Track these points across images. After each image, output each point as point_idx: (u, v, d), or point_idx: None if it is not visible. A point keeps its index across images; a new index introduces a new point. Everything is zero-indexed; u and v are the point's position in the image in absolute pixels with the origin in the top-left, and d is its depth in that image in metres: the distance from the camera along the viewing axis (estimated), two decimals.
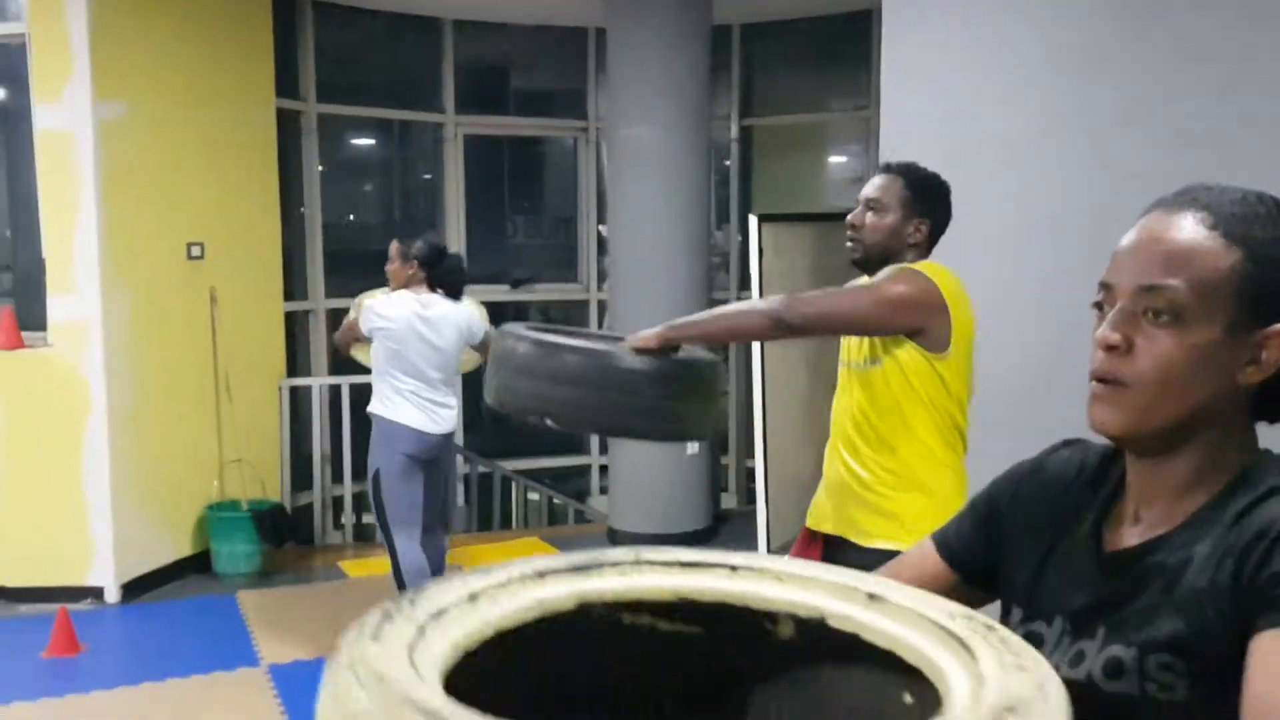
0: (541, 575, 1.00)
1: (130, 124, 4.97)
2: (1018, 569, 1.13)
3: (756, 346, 5.01)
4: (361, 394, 6.07)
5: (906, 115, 4.14)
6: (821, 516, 2.67)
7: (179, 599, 5.09)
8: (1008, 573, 1.14)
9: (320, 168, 6.51)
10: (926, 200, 2.57)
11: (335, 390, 6.10)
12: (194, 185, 5.35)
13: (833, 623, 0.96)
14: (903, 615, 0.95)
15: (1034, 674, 0.81)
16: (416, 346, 4.00)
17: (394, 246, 4.20)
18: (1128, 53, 3.27)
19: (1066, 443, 1.21)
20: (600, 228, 7.57)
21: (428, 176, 7.44)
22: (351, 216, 7.43)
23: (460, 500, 7.02)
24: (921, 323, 2.40)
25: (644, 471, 5.87)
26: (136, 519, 5.06)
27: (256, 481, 5.61)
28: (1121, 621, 0.99)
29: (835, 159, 7.99)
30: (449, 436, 4.23)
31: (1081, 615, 1.03)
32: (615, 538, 5.96)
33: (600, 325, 7.20)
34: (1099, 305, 1.05)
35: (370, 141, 7.60)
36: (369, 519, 6.48)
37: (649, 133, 5.69)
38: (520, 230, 8.11)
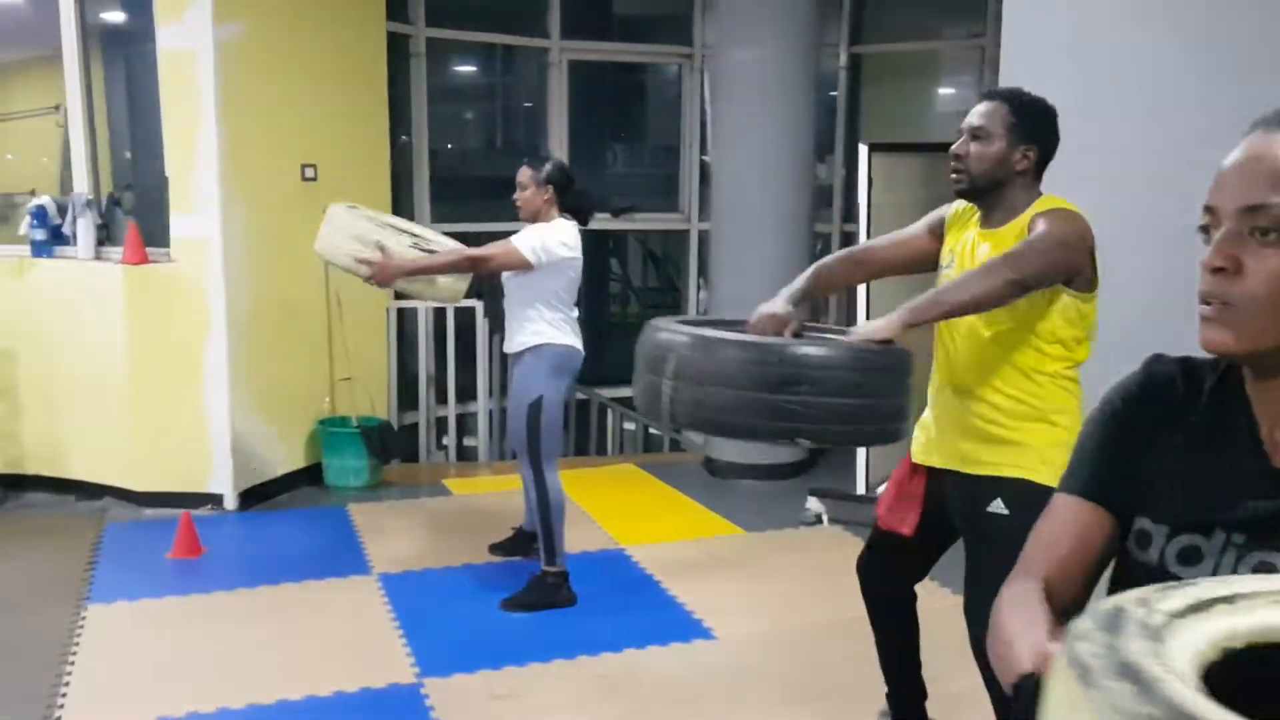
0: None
1: (247, 46, 5.07)
2: (1152, 485, 1.12)
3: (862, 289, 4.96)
4: (465, 318, 6.21)
5: (1029, 40, 4.01)
6: (930, 450, 2.68)
7: (293, 509, 5.30)
8: (1140, 491, 1.13)
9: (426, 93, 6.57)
10: (1033, 126, 2.52)
11: (440, 314, 6.21)
12: (307, 108, 5.45)
13: None
14: None
15: None
16: (570, 274, 4.01)
17: (526, 172, 4.10)
18: None
19: (1156, 359, 1.19)
20: (703, 157, 7.52)
21: (529, 104, 7.44)
22: (455, 144, 7.48)
23: None
24: (1083, 263, 2.40)
25: None
26: (253, 431, 5.25)
27: (365, 399, 5.76)
28: None
29: (946, 89, 7.79)
30: None
31: (1257, 526, 1.02)
32: (712, 466, 6.01)
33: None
34: (1204, 229, 1.03)
35: (474, 68, 7.63)
36: (470, 441, 6.64)
37: (755, 56, 5.61)
38: (621, 159, 8.09)
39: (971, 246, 2.57)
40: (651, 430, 7.57)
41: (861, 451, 5.11)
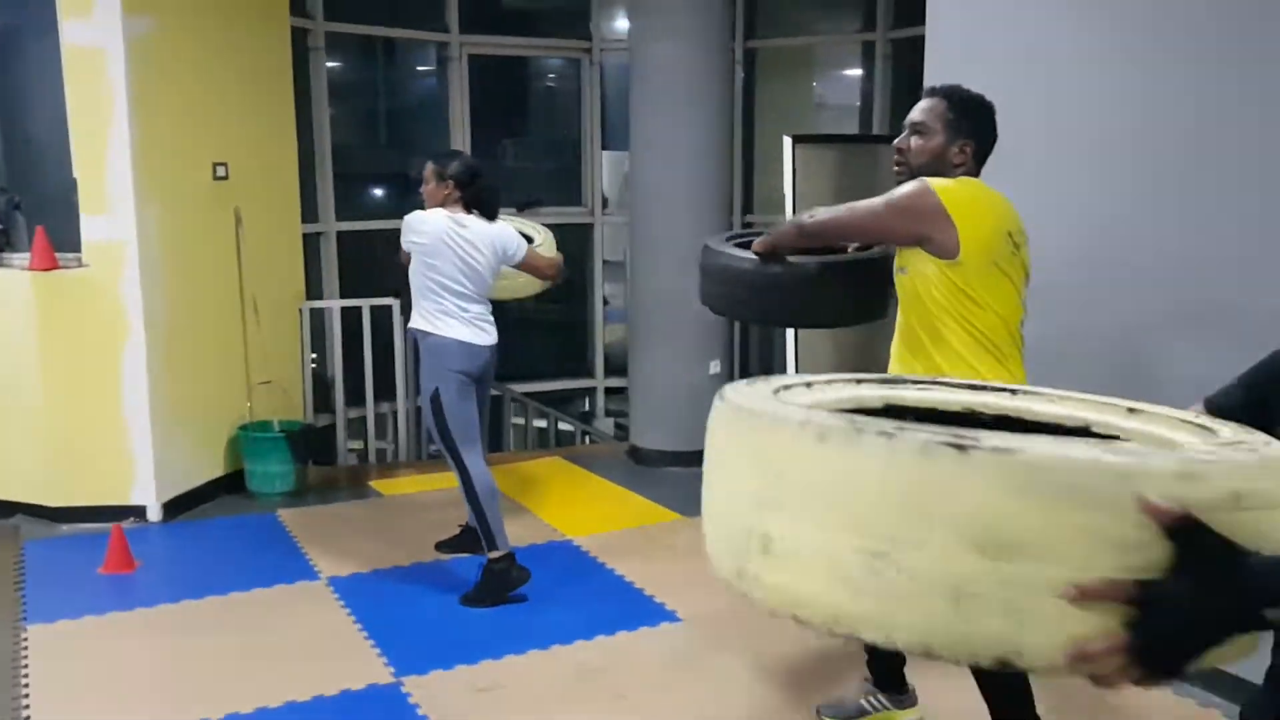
0: (859, 382, 1.34)
1: (156, 41, 4.90)
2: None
3: None
4: (382, 316, 6.14)
5: (953, 37, 4.22)
6: None
7: (219, 517, 5.15)
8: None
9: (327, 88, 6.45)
10: (970, 121, 2.67)
11: (354, 314, 6.11)
12: (217, 104, 5.30)
13: (1096, 429, 1.15)
14: (1157, 420, 1.14)
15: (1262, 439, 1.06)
16: (452, 262, 4.00)
17: (429, 167, 4.12)
18: None
19: None
20: (603, 150, 7.61)
21: (428, 97, 7.38)
22: (356, 140, 7.35)
23: None
24: (921, 230, 2.54)
25: (663, 391, 5.99)
26: (174, 439, 5.09)
27: (285, 402, 5.64)
28: None
29: (829, 83, 8.05)
30: (495, 349, 4.21)
31: None
32: (638, 455, 6.10)
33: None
34: None
35: (374, 62, 7.51)
36: (381, 445, 6.55)
37: (673, 50, 5.71)
38: (521, 154, 8.09)
39: None
40: (562, 425, 7.62)
41: None
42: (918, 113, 2.67)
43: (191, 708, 3.27)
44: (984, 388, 1.32)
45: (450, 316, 4.01)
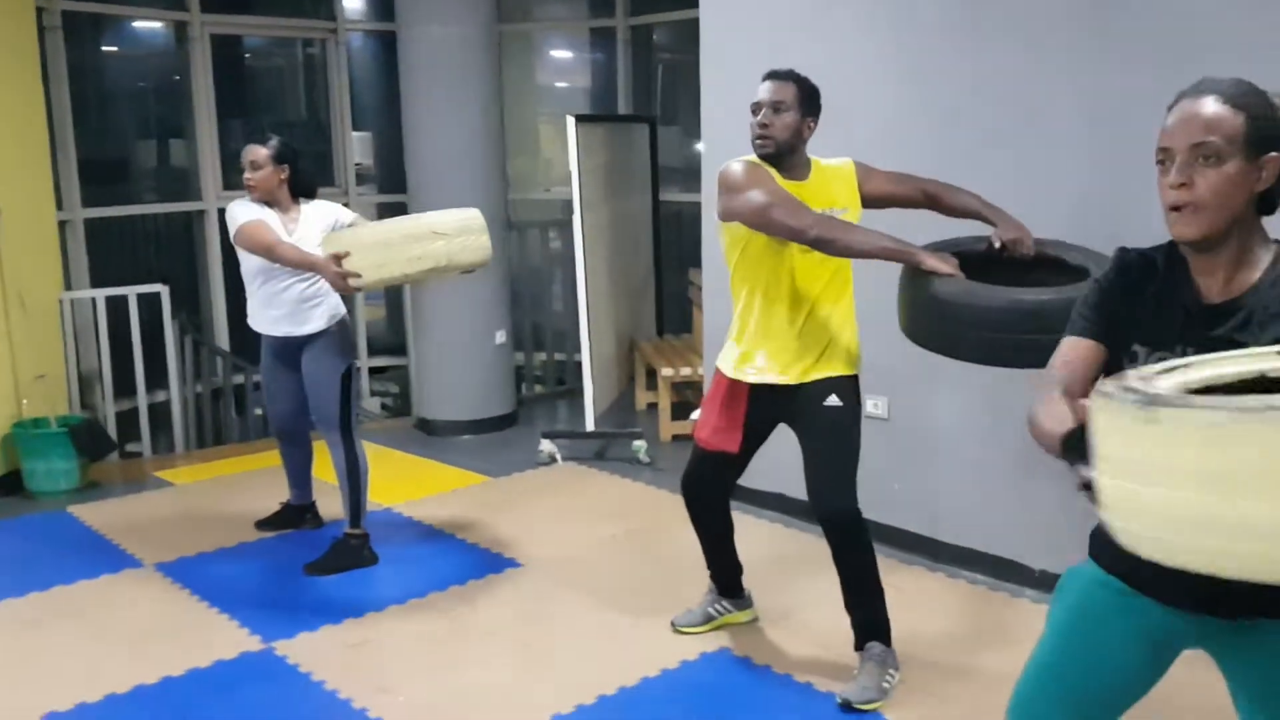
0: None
1: None
2: (1136, 325, 1.77)
3: (579, 249, 5.48)
4: (150, 305, 5.95)
5: (725, 23, 4.72)
6: (764, 371, 3.21)
7: (3, 519, 4.91)
8: (1127, 328, 1.78)
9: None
10: (813, 101, 3.18)
11: (119, 303, 5.90)
12: None
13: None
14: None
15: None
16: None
17: (260, 151, 4.08)
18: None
19: (1123, 250, 1.86)
20: (355, 132, 7.65)
21: (176, 78, 7.13)
22: (99, 124, 6.99)
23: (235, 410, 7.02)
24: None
25: (451, 364, 6.21)
26: None
27: (62, 397, 5.41)
28: (1229, 341, 1.65)
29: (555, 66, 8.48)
30: None
31: (1199, 341, 1.67)
32: (429, 427, 6.29)
33: None
34: (1161, 163, 1.67)
35: (116, 45, 7.15)
36: (135, 449, 6.34)
37: (445, 34, 5.91)
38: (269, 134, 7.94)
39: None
40: None
41: (589, 394, 5.66)
42: (773, 93, 3.08)
43: (63, 694, 3.25)
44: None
45: (340, 299, 4.12)
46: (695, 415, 3.96)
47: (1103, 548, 1.83)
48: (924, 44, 4.01)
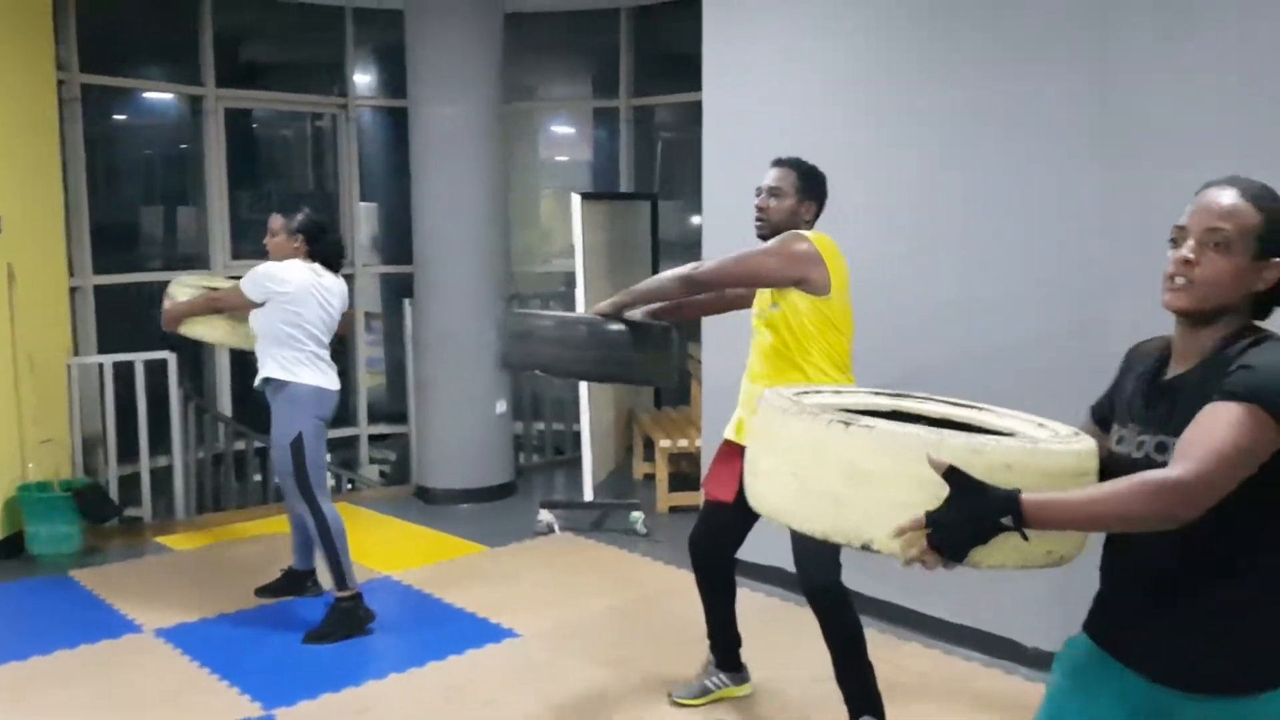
0: (875, 394, 2.15)
1: None
2: (1120, 405, 1.88)
3: None
4: (155, 371, 6.04)
5: (724, 108, 4.88)
6: (739, 431, 3.35)
7: (4, 582, 4.94)
8: (1118, 409, 1.89)
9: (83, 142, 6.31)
10: (813, 187, 3.34)
11: (126, 368, 5.98)
12: None
13: (981, 424, 1.97)
14: (1007, 420, 1.95)
15: (1081, 438, 1.77)
16: (315, 311, 4.22)
17: (278, 220, 4.32)
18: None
19: (1135, 347, 1.97)
20: (361, 203, 7.81)
21: (183, 146, 7.30)
22: (113, 192, 7.14)
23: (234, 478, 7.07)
24: (803, 272, 3.16)
25: (452, 432, 6.28)
26: None
27: (66, 461, 5.47)
28: (1166, 422, 1.75)
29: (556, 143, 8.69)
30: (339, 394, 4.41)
31: (1148, 421, 1.79)
32: (427, 495, 6.34)
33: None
34: (1173, 240, 1.78)
35: (131, 116, 7.33)
36: (133, 511, 6.38)
37: (452, 112, 6.09)
38: (278, 206, 8.09)
39: None
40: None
41: (588, 464, 5.73)
42: (773, 180, 3.28)
43: None
44: (957, 404, 2.08)
45: (308, 364, 4.19)
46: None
47: (1091, 616, 1.92)
48: (923, 134, 4.16)
